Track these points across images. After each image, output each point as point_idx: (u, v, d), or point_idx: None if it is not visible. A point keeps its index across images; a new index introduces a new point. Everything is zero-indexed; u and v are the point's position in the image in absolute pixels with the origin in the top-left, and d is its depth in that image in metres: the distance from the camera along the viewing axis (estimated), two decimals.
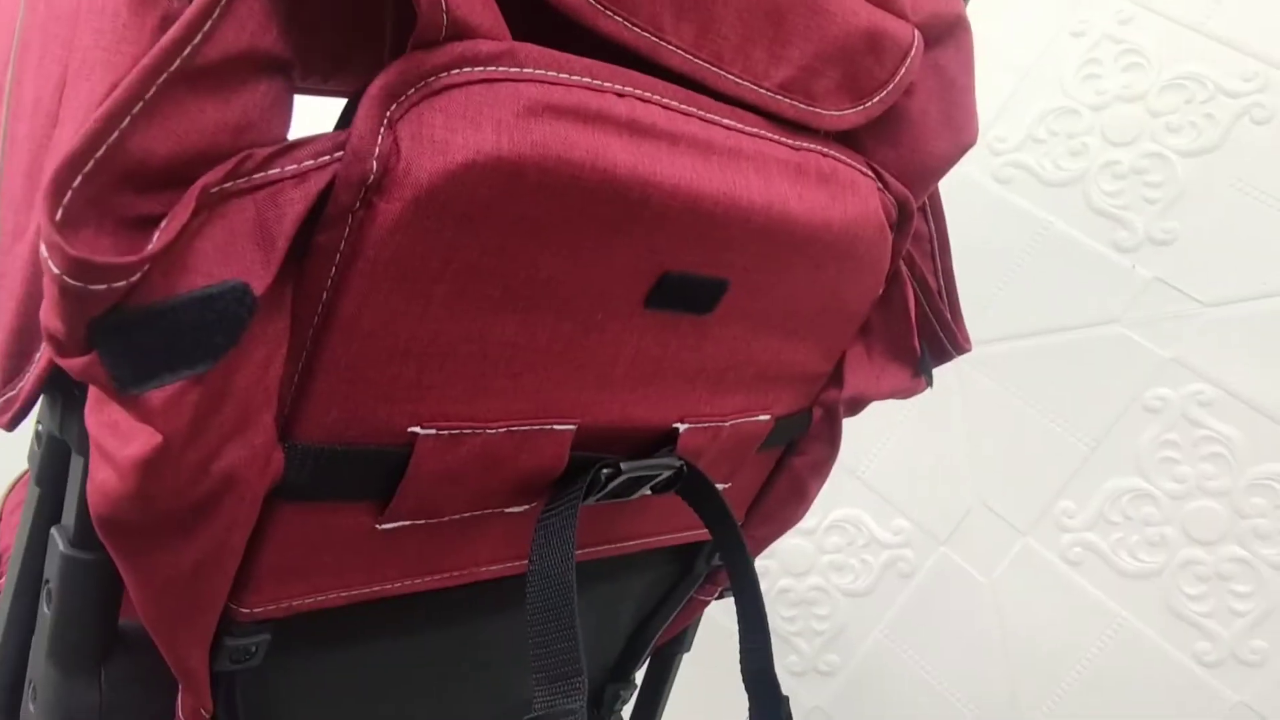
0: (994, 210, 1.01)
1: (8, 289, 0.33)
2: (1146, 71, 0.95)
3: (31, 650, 0.39)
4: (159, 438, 0.27)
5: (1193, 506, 0.90)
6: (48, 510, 0.40)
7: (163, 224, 0.26)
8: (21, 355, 0.33)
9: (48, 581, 0.37)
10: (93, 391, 0.30)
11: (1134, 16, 0.96)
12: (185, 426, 0.28)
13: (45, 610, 0.37)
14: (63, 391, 0.34)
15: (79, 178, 0.25)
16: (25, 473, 0.63)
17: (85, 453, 0.35)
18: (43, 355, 0.33)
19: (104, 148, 0.25)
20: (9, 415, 0.34)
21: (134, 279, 0.25)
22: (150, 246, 0.25)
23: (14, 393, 0.34)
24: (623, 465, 0.45)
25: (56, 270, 0.24)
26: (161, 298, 0.27)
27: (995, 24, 1.00)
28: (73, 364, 0.25)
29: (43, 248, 0.24)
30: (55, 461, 0.38)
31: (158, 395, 0.27)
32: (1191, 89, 0.93)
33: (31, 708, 0.38)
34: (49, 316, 0.25)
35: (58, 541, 0.36)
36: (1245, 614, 0.87)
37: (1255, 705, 0.85)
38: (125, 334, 0.26)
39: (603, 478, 0.45)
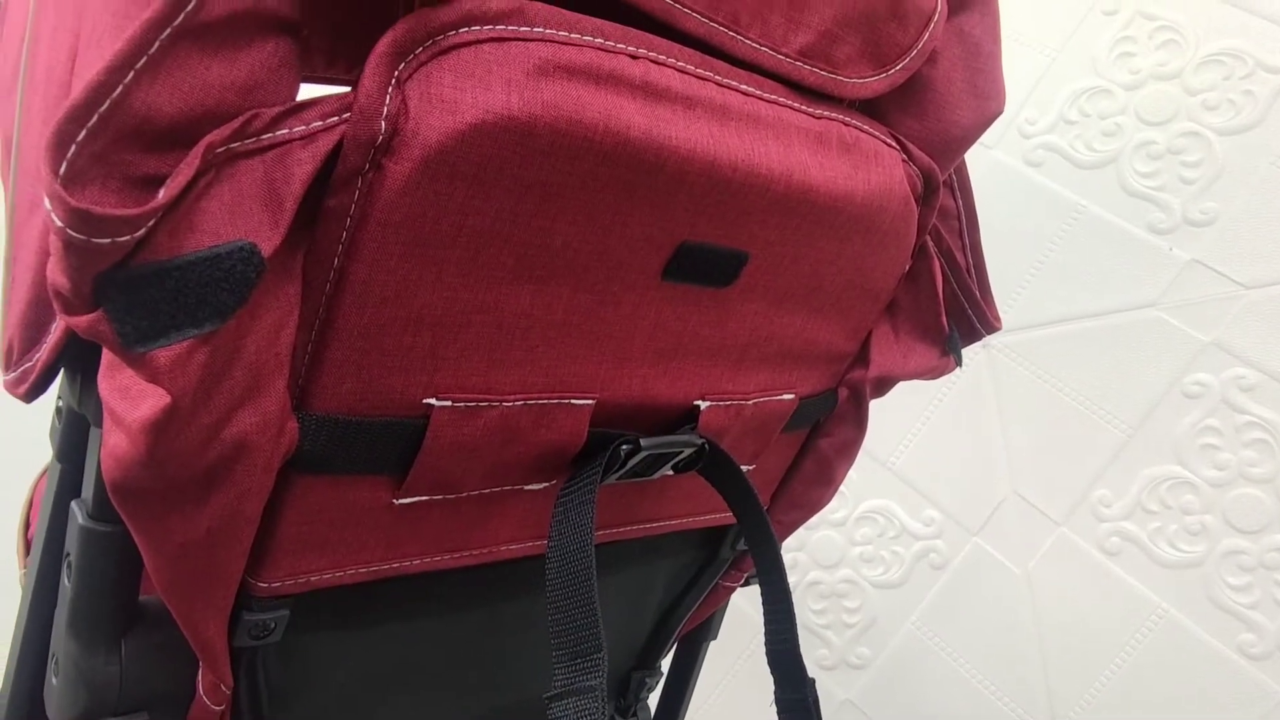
0: (1025, 194, 0.99)
1: (24, 261, 0.34)
2: (1182, 48, 0.92)
3: (54, 624, 0.39)
4: (167, 398, 0.27)
5: (1235, 494, 0.87)
6: (69, 485, 0.41)
7: (168, 181, 0.26)
8: (38, 326, 0.33)
9: (68, 555, 0.37)
10: (105, 356, 0.30)
11: None
12: (193, 387, 0.27)
13: (66, 583, 0.37)
14: (82, 365, 0.34)
15: (83, 132, 0.25)
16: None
17: (102, 424, 0.35)
18: (58, 325, 0.33)
19: (108, 103, 0.25)
20: (26, 386, 0.34)
21: (139, 234, 0.25)
22: (155, 201, 0.25)
23: (30, 364, 0.34)
24: (643, 442, 0.45)
25: (59, 223, 0.24)
26: (168, 256, 0.27)
27: (1026, 2, 0.98)
28: (78, 321, 0.25)
29: (46, 201, 0.24)
30: (75, 435, 0.38)
31: (164, 354, 0.26)
32: (1230, 65, 0.90)
33: (54, 680, 0.38)
34: (54, 272, 0.25)
35: (77, 515, 0.36)
36: None
37: None
38: (132, 291, 0.26)
39: (622, 454, 0.44)
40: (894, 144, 0.49)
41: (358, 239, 0.32)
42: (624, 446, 0.44)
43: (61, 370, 0.35)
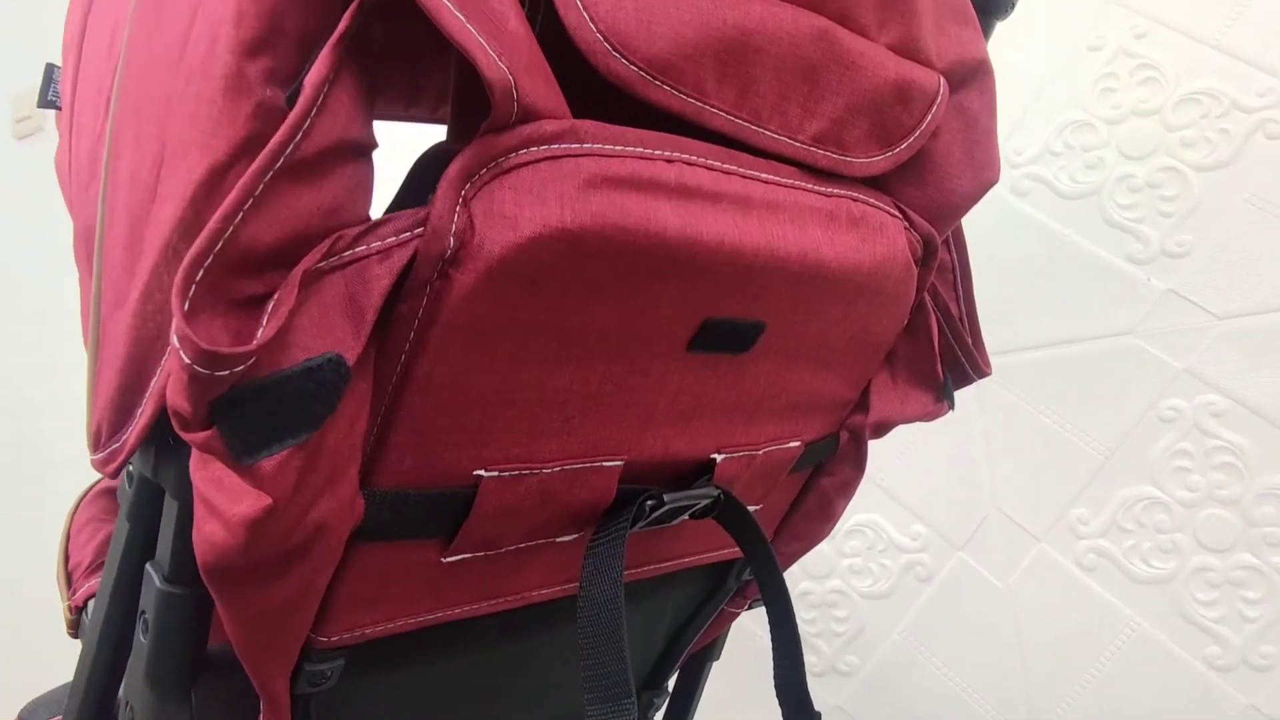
0: (1011, 222, 1.03)
1: (111, 351, 0.36)
2: (1162, 86, 0.97)
3: (127, 674, 0.42)
4: (268, 500, 0.30)
5: (1204, 514, 0.92)
6: (138, 545, 0.44)
7: (270, 308, 0.29)
8: (125, 410, 0.36)
9: (143, 613, 0.40)
10: (192, 447, 0.33)
11: (1149, 31, 0.97)
12: (290, 488, 0.31)
13: (142, 639, 0.40)
14: (157, 440, 0.37)
15: (201, 271, 0.28)
16: (89, 490, 0.67)
17: (181, 497, 0.38)
18: (144, 413, 0.36)
19: (221, 243, 0.28)
20: (115, 464, 0.37)
21: (250, 363, 0.28)
22: (263, 333, 0.28)
23: (118, 445, 0.37)
24: (665, 497, 0.48)
25: (187, 360, 0.27)
26: (267, 373, 0.30)
27: (1014, 37, 1.01)
28: (195, 438, 0.28)
29: (174, 339, 0.27)
30: (147, 501, 0.41)
31: (268, 463, 0.30)
32: (1206, 104, 0.94)
33: None
34: (176, 398, 0.28)
35: (154, 578, 0.39)
36: (1255, 620, 0.90)
37: (1265, 708, 0.88)
38: (239, 408, 0.29)
39: (647, 509, 0.48)
40: (897, 214, 0.52)
41: (424, 339, 0.35)
42: (649, 501, 0.48)
43: None
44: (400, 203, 0.37)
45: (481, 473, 0.40)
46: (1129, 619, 0.95)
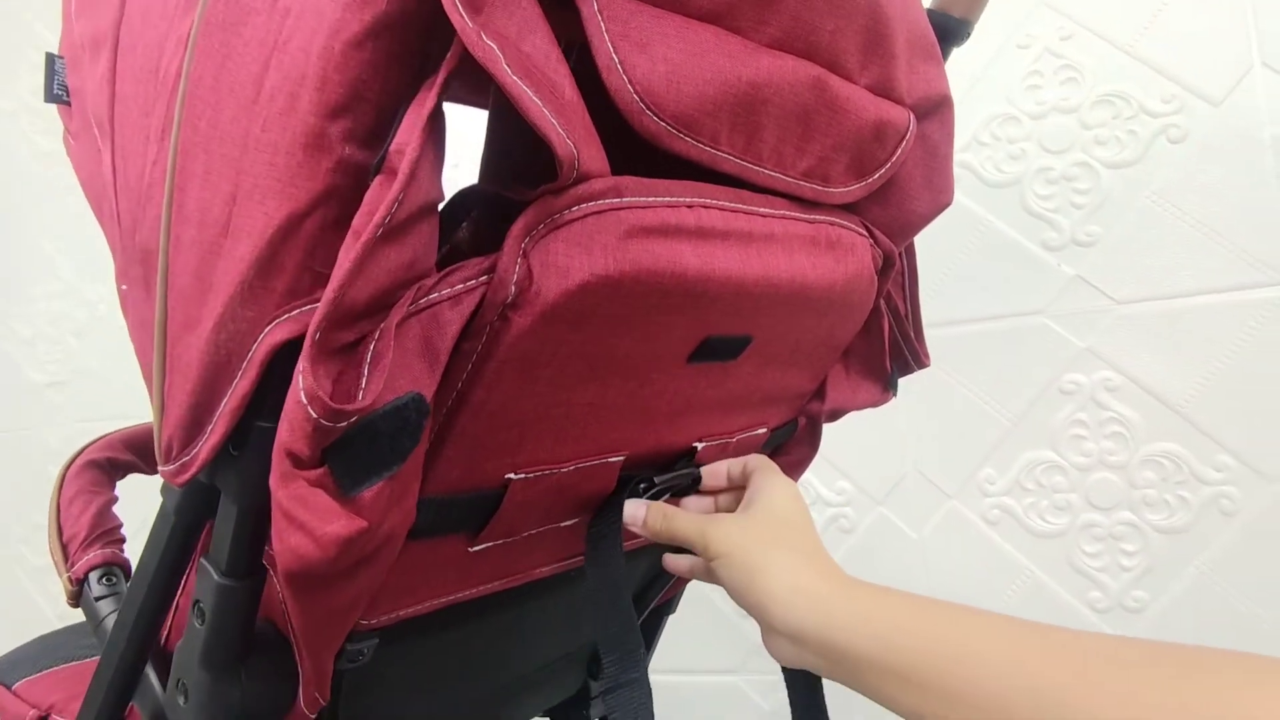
0: None
1: (182, 374, 0.39)
2: (1081, 86, 1.05)
3: (179, 656, 0.46)
4: (364, 524, 0.34)
5: (1095, 477, 1.04)
6: (180, 536, 0.47)
7: (370, 360, 0.33)
8: (196, 426, 0.40)
9: (198, 602, 0.44)
10: (279, 466, 0.36)
11: (1074, 34, 1.05)
12: (382, 512, 0.35)
13: (197, 625, 0.44)
14: (220, 450, 0.41)
15: (319, 334, 0.31)
16: (73, 462, 0.68)
17: (241, 503, 0.41)
18: (215, 430, 0.39)
19: (333, 308, 0.32)
20: (186, 475, 0.40)
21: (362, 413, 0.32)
22: (371, 386, 0.32)
23: (188, 458, 0.40)
24: (656, 479, 0.54)
25: (315, 415, 0.31)
26: (360, 415, 0.34)
27: None
28: (309, 475, 0.32)
29: (302, 395, 0.31)
30: (198, 500, 0.45)
31: (369, 494, 0.34)
32: (1119, 106, 1.03)
33: (182, 702, 0.46)
34: (297, 444, 0.32)
35: (210, 571, 0.43)
36: (1131, 569, 1.03)
37: None
38: (346, 449, 0.33)
39: (640, 490, 0.54)
40: (865, 233, 0.58)
41: (480, 371, 0.39)
42: (641, 484, 0.54)
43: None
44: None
45: (512, 475, 0.45)
46: (1025, 567, 1.07)
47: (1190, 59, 1.00)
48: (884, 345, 0.68)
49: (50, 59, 0.54)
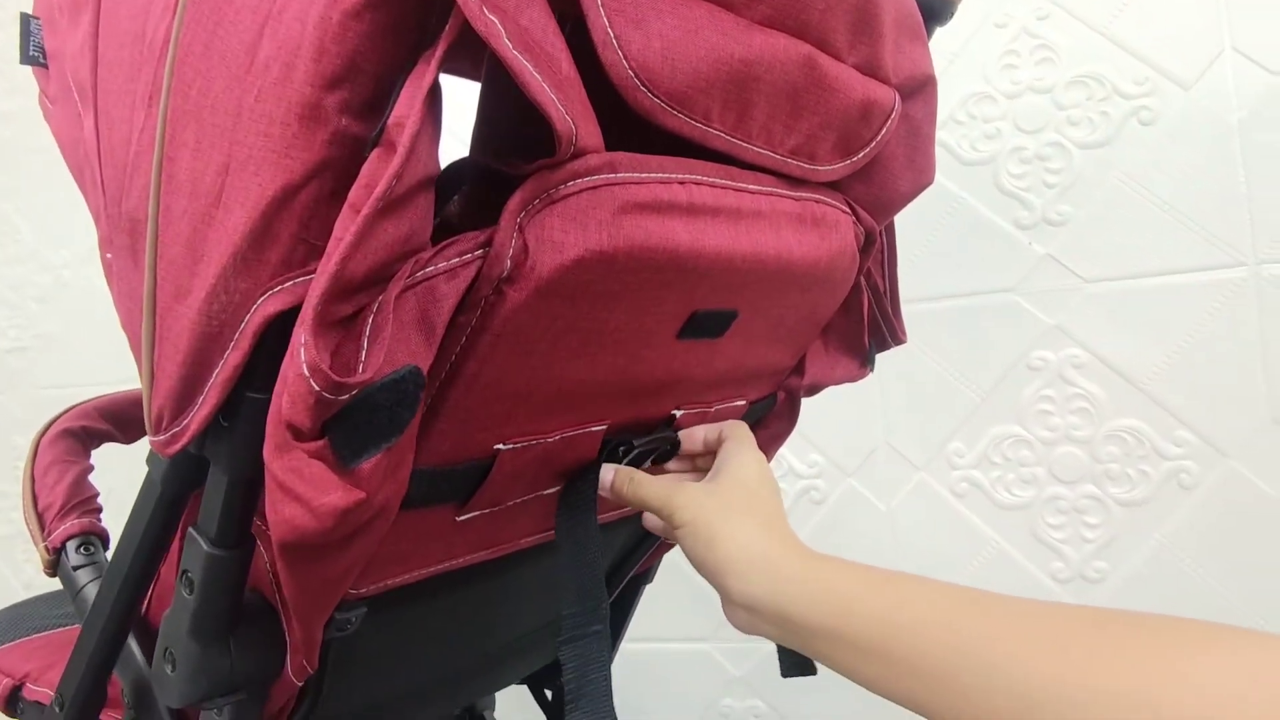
0: None
1: (172, 344, 0.39)
2: (1056, 66, 1.06)
3: (166, 626, 0.46)
4: (362, 495, 0.35)
5: (1060, 451, 1.07)
6: (165, 506, 0.47)
7: (369, 333, 0.33)
8: (187, 397, 0.39)
9: (187, 572, 0.44)
10: (273, 438, 0.37)
11: (1050, 14, 1.06)
12: (379, 483, 0.35)
13: (185, 595, 0.44)
14: (210, 421, 0.41)
15: (319, 306, 0.31)
16: (47, 431, 0.68)
17: (232, 474, 0.42)
18: (206, 401, 0.39)
19: (334, 281, 0.32)
20: (177, 446, 0.40)
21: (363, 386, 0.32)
22: (371, 359, 0.32)
23: (179, 429, 0.40)
24: (635, 442, 0.55)
25: (318, 388, 0.31)
26: (361, 387, 0.34)
27: None
28: (309, 448, 0.33)
29: (304, 368, 0.31)
30: (186, 471, 0.44)
31: (367, 465, 0.34)
32: (1092, 87, 1.05)
33: (169, 672, 0.46)
34: (298, 416, 0.32)
35: (199, 541, 0.43)
36: (1093, 540, 1.06)
37: None
38: (345, 421, 0.33)
39: (620, 454, 0.55)
40: (848, 210, 0.59)
41: (474, 344, 0.39)
42: (621, 449, 0.55)
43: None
44: None
45: (501, 446, 0.46)
46: (990, 538, 1.10)
47: (1163, 42, 1.02)
48: (863, 322, 0.69)
49: (25, 19, 0.53)
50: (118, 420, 0.72)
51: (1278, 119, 0.99)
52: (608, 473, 0.53)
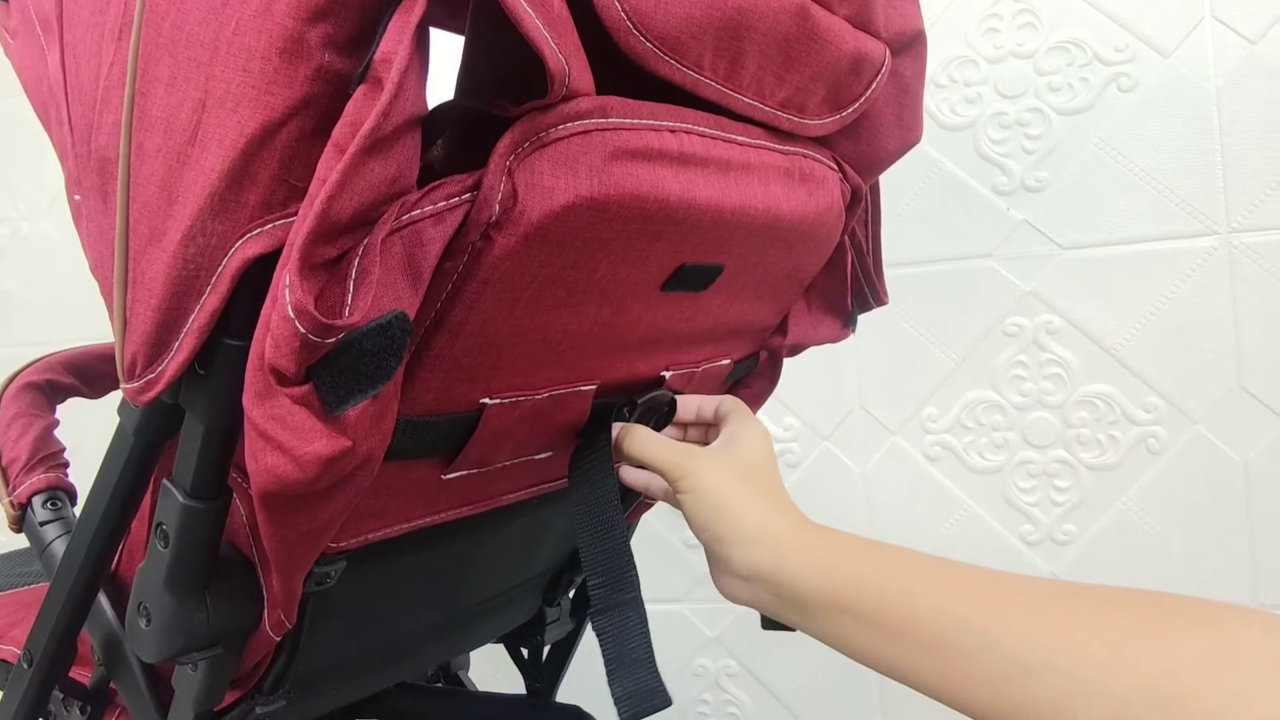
0: None
1: (146, 288, 0.38)
2: (1038, 31, 1.06)
3: (140, 579, 0.45)
4: (348, 443, 0.34)
5: (1032, 417, 1.08)
6: (138, 458, 0.46)
7: (355, 275, 0.32)
8: (161, 344, 0.38)
9: (161, 525, 0.43)
10: (253, 385, 0.35)
11: None
12: (365, 431, 0.34)
13: (160, 549, 0.43)
14: (188, 369, 0.40)
15: (304, 247, 0.30)
16: (9, 384, 0.66)
17: (209, 423, 0.40)
18: (181, 347, 0.38)
19: (320, 220, 0.31)
20: (151, 394, 0.39)
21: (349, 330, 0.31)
22: (358, 302, 0.31)
23: (153, 375, 0.39)
24: (638, 400, 0.55)
25: (303, 330, 0.30)
26: (348, 330, 0.33)
27: None
28: (293, 393, 0.32)
29: (290, 309, 0.30)
30: (160, 421, 0.43)
31: (353, 412, 0.33)
32: (1073, 53, 1.04)
33: (144, 626, 0.45)
34: (282, 360, 0.31)
35: (174, 493, 0.42)
36: (1062, 504, 1.08)
37: (1063, 576, 1.07)
38: (331, 366, 0.32)
39: (625, 415, 0.54)
40: (835, 167, 0.58)
41: (461, 291, 0.38)
42: (625, 409, 0.54)
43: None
44: None
45: (486, 400, 0.45)
46: (962, 502, 1.11)
47: (1144, 9, 1.02)
48: (846, 282, 0.68)
49: None
50: (83, 374, 0.71)
51: (1255, 88, 0.99)
52: (614, 430, 0.53)
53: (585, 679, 1.21)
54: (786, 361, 0.71)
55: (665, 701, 0.45)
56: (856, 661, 0.43)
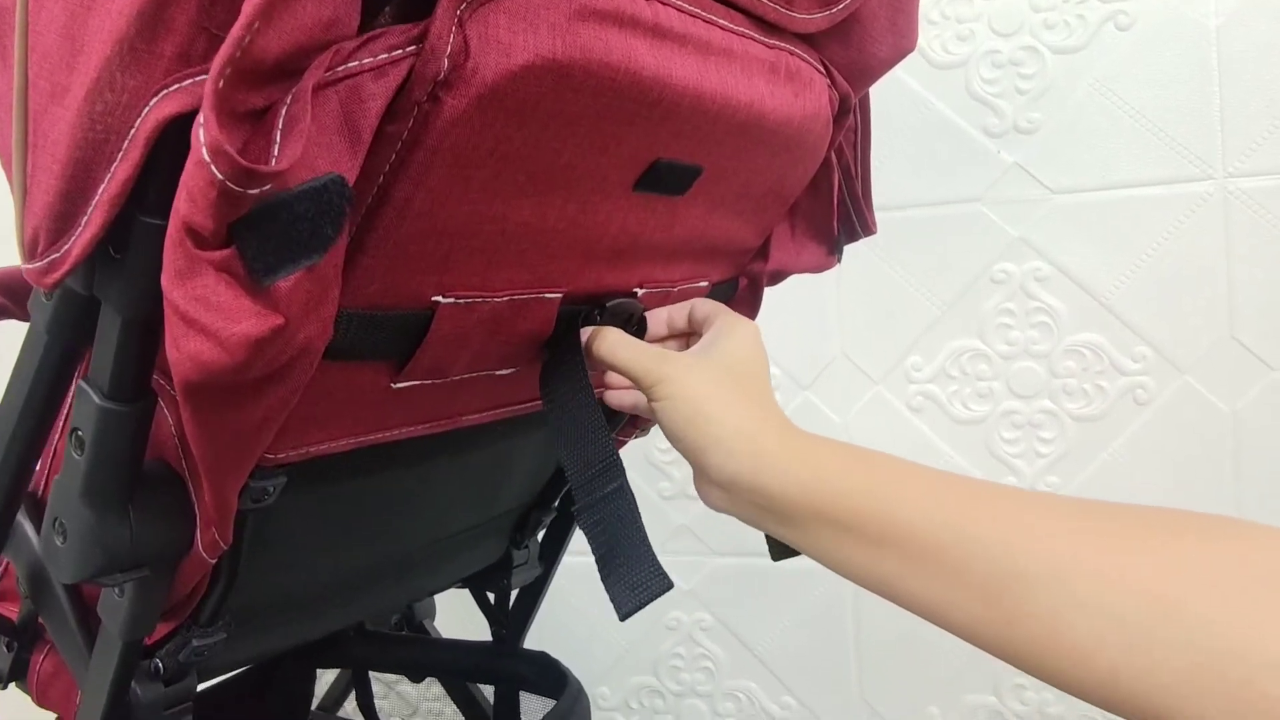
0: (883, 85, 1.07)
1: (49, 153, 0.33)
2: None
3: (56, 492, 0.41)
4: (280, 320, 0.30)
5: (1018, 366, 1.05)
6: (55, 359, 0.41)
7: (282, 125, 0.28)
8: (68, 218, 0.34)
9: (77, 430, 0.39)
10: (172, 263, 0.31)
11: None
12: (300, 309, 0.30)
13: (75, 456, 0.39)
14: (99, 252, 0.35)
15: (222, 82, 0.26)
16: None
17: (126, 313, 0.36)
18: (90, 222, 0.33)
19: (239, 53, 0.26)
20: (56, 275, 0.34)
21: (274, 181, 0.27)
22: (285, 151, 0.27)
23: (58, 254, 0.34)
24: (607, 305, 0.51)
25: (220, 175, 0.26)
26: (276, 191, 0.29)
27: None
28: (213, 257, 0.27)
29: (205, 151, 0.26)
30: (75, 317, 0.39)
31: (284, 284, 0.29)
32: None
33: (60, 543, 0.41)
34: (198, 215, 0.27)
35: (90, 394, 0.38)
36: (1047, 455, 1.05)
37: None
38: (258, 228, 0.28)
39: (595, 319, 0.50)
40: (823, 70, 0.54)
41: (406, 162, 0.34)
42: (596, 313, 0.50)
43: None
44: None
45: (439, 298, 0.41)
46: (945, 453, 1.09)
47: None
48: (832, 205, 0.65)
49: None
50: (13, 293, 0.66)
51: (1257, 28, 0.96)
52: (583, 333, 0.49)
53: (554, 627, 1.18)
54: (764, 308, 0.67)
55: (665, 585, 0.42)
56: (840, 574, 0.40)
